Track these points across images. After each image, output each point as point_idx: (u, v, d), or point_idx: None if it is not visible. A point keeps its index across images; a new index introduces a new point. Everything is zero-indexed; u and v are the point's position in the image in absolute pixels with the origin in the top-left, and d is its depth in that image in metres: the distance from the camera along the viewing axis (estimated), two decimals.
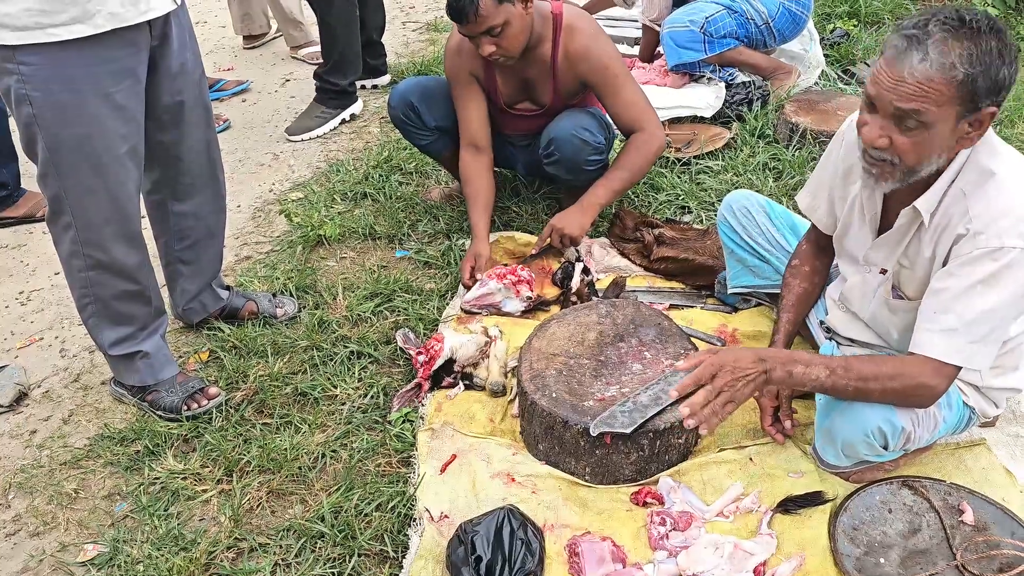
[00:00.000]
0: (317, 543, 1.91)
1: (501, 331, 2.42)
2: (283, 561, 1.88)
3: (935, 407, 1.80)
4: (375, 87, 4.48)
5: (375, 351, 2.47)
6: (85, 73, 1.91)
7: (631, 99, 2.69)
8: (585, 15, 2.74)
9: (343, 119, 4.08)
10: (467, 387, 2.29)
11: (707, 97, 3.77)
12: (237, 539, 1.94)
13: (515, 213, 3.12)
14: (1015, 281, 1.62)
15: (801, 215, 2.26)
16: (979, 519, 1.83)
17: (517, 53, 2.60)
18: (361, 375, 2.39)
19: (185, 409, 2.27)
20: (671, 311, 2.54)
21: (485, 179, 2.84)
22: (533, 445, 2.07)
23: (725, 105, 3.72)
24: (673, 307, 2.58)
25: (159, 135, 2.19)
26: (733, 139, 3.53)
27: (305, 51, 4.89)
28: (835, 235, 2.02)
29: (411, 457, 2.10)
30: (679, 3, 3.99)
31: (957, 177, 1.67)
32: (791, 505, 1.87)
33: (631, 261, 2.80)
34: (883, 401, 1.73)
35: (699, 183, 3.22)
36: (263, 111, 4.34)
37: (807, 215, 2.14)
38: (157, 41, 2.05)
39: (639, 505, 1.93)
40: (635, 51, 4.44)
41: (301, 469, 2.11)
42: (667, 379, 1.98)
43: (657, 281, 2.73)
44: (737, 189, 2.51)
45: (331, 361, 2.45)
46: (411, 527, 1.90)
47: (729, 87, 3.81)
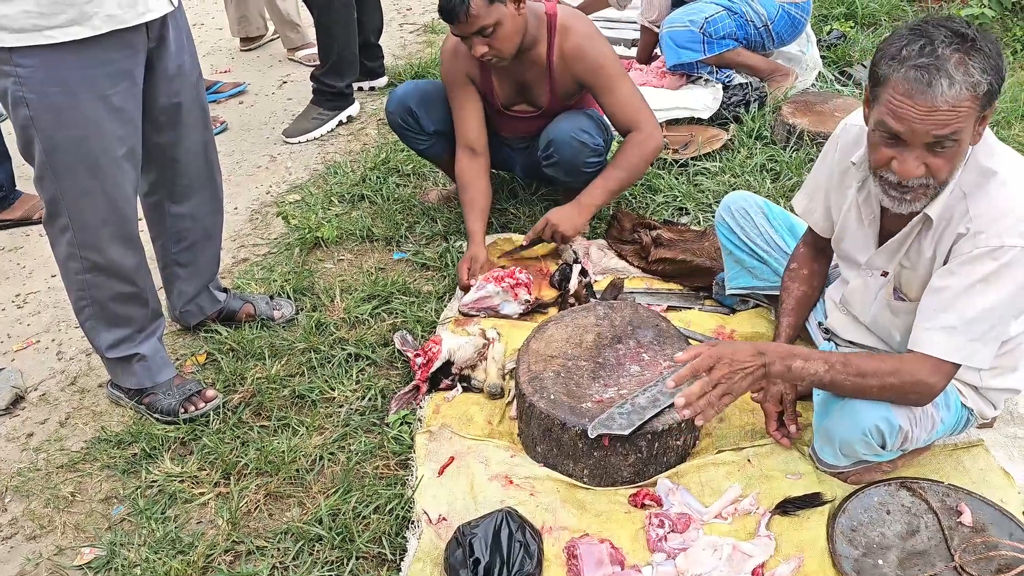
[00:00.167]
0: (315, 546, 1.91)
1: (499, 333, 2.42)
2: (281, 564, 1.88)
3: (933, 408, 1.80)
4: (372, 89, 4.47)
5: (373, 353, 2.47)
6: (82, 75, 1.90)
7: (627, 99, 2.69)
8: (580, 15, 2.74)
9: (340, 121, 4.07)
10: (465, 389, 2.29)
11: (704, 99, 3.78)
12: (235, 542, 1.94)
13: (512, 215, 3.12)
14: (1015, 279, 1.62)
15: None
16: (977, 520, 1.83)
17: (510, 54, 2.60)
18: (359, 377, 2.39)
19: (182, 412, 2.27)
20: (669, 312, 2.54)
21: (482, 183, 2.84)
22: (531, 447, 2.06)
23: (722, 107, 3.72)
24: (671, 309, 2.58)
25: (156, 137, 2.19)
26: (730, 140, 3.53)
27: (302, 53, 4.88)
28: (833, 238, 2.02)
29: (409, 459, 2.10)
30: (677, 4, 4.00)
31: (958, 177, 1.68)
32: (789, 507, 1.87)
33: (629, 263, 2.80)
34: (881, 398, 1.73)
35: (697, 184, 3.23)
36: (260, 113, 4.34)
37: (803, 218, 2.14)
38: (154, 43, 2.05)
39: (637, 507, 1.92)
40: (631, 53, 4.45)
41: (299, 472, 2.10)
42: (665, 381, 1.97)
43: (655, 283, 2.73)
44: (735, 190, 2.51)
45: (329, 363, 2.44)
46: (409, 530, 1.90)
47: (726, 89, 3.82)
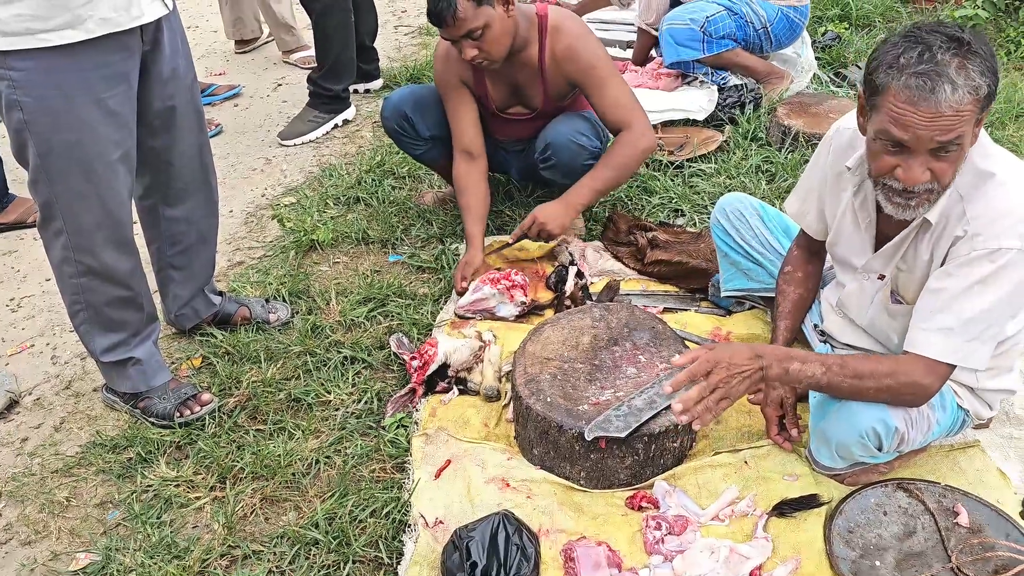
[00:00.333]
0: (311, 550, 1.90)
1: (495, 335, 2.42)
2: (277, 568, 1.87)
3: (929, 409, 1.80)
4: (367, 91, 4.47)
5: (369, 356, 2.47)
6: (77, 79, 1.90)
7: (619, 98, 2.67)
8: (571, 15, 2.73)
9: (336, 124, 4.07)
10: (461, 392, 2.29)
11: (700, 100, 3.78)
12: (231, 546, 1.93)
13: (508, 217, 3.12)
14: (1011, 280, 1.63)
15: None
16: (974, 521, 1.83)
17: (500, 56, 2.59)
18: (355, 380, 2.39)
19: (178, 416, 2.26)
20: (665, 314, 2.54)
21: (480, 187, 2.82)
22: (528, 450, 2.06)
23: (718, 108, 3.73)
24: (667, 310, 2.58)
25: (151, 140, 2.18)
26: (726, 142, 3.54)
27: (297, 55, 4.88)
28: (828, 242, 2.02)
29: (405, 463, 2.09)
30: (675, 4, 4.00)
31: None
32: (786, 508, 1.87)
33: (625, 264, 2.80)
34: (877, 399, 1.73)
35: (692, 186, 3.23)
36: (255, 116, 4.34)
37: (796, 221, 2.14)
38: (149, 46, 2.05)
39: (634, 509, 1.92)
40: (627, 54, 4.45)
41: (295, 475, 2.10)
42: (662, 383, 1.97)
43: (651, 284, 2.73)
44: (730, 192, 2.51)
45: (324, 367, 2.44)
46: (406, 533, 1.90)
47: (721, 90, 3.82)
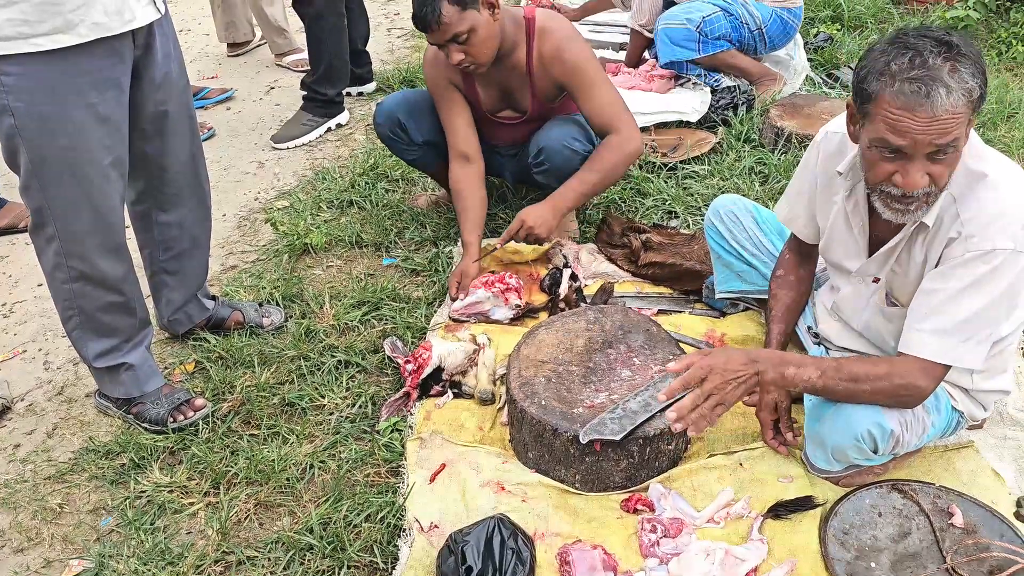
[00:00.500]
0: (306, 555, 1.89)
1: (489, 338, 2.42)
2: (272, 574, 1.86)
3: (924, 411, 1.81)
4: (360, 94, 4.47)
5: (363, 360, 2.46)
6: (68, 83, 1.89)
7: (606, 101, 2.65)
8: (558, 17, 2.71)
9: (329, 128, 4.07)
10: (456, 395, 2.28)
11: (693, 102, 3.79)
12: (225, 552, 1.92)
13: (502, 220, 3.11)
14: (1005, 280, 1.64)
15: None
16: (968, 522, 1.83)
17: (486, 60, 2.58)
18: (349, 384, 2.38)
19: (171, 421, 2.25)
20: (659, 316, 2.54)
21: (476, 192, 2.80)
22: (523, 453, 2.06)
23: (711, 110, 3.73)
24: (661, 312, 2.58)
25: (143, 145, 2.18)
26: (719, 144, 3.54)
27: (290, 58, 4.87)
28: (821, 247, 2.02)
29: (400, 467, 2.09)
30: (668, 5, 4.01)
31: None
32: (781, 510, 1.87)
33: (619, 267, 2.80)
34: (873, 401, 1.74)
35: (686, 188, 3.23)
36: (248, 119, 4.33)
37: (786, 225, 2.14)
38: (141, 51, 2.04)
39: (630, 512, 1.92)
40: (620, 56, 4.45)
41: (289, 480, 2.09)
42: (656, 385, 1.98)
43: (645, 286, 2.73)
44: (724, 194, 2.52)
45: (318, 371, 2.43)
46: (401, 538, 1.89)
47: (714, 92, 3.83)
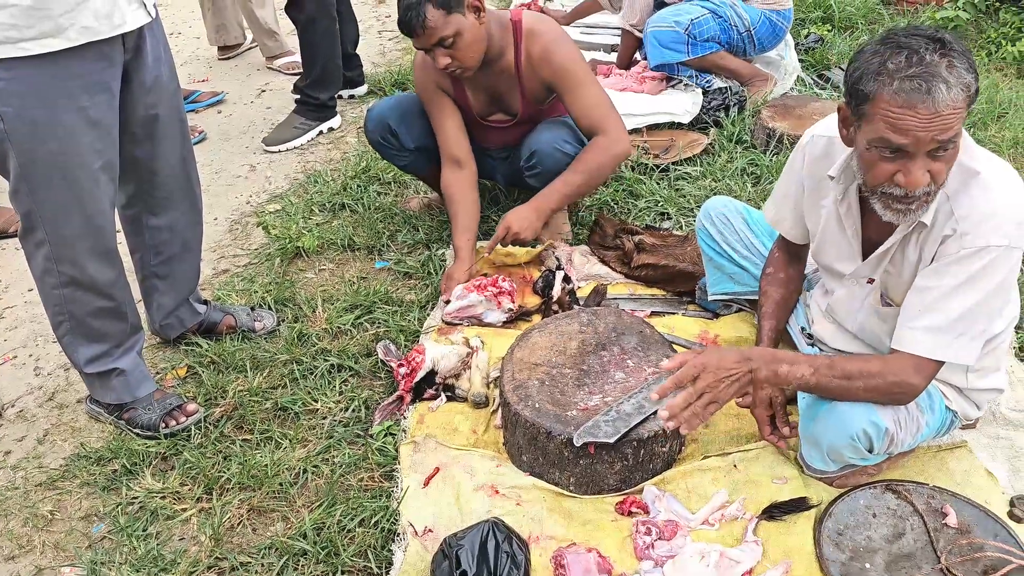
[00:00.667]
0: (300, 561, 1.88)
1: (483, 341, 2.41)
2: None
3: (918, 411, 1.81)
4: (352, 97, 4.46)
5: (356, 364, 2.45)
6: (58, 88, 1.88)
7: (593, 102, 2.65)
8: (545, 19, 2.70)
9: (321, 131, 4.06)
10: (449, 399, 2.28)
11: (684, 103, 3.79)
12: (218, 558, 1.91)
13: (495, 222, 3.10)
14: (998, 275, 1.65)
15: None
16: (962, 521, 1.84)
17: (473, 64, 2.57)
18: (342, 388, 2.37)
19: (163, 426, 2.24)
20: (652, 318, 2.54)
21: (468, 197, 2.79)
22: (517, 456, 2.05)
23: (702, 111, 3.74)
24: (654, 314, 2.58)
25: (134, 149, 2.16)
26: (711, 145, 3.54)
27: (281, 61, 4.86)
28: (812, 251, 2.03)
29: (394, 471, 2.08)
30: (659, 6, 4.01)
31: None
32: (776, 512, 1.87)
33: (612, 268, 2.80)
34: (866, 399, 1.74)
35: (678, 189, 3.23)
36: (239, 122, 4.31)
37: (774, 227, 2.15)
38: (131, 55, 2.03)
39: (624, 515, 1.92)
40: (611, 58, 4.46)
41: (282, 485, 2.08)
42: (650, 387, 1.97)
43: (638, 288, 2.73)
44: (716, 195, 2.52)
45: (311, 375, 2.42)
46: (395, 542, 1.89)
47: (706, 93, 3.83)
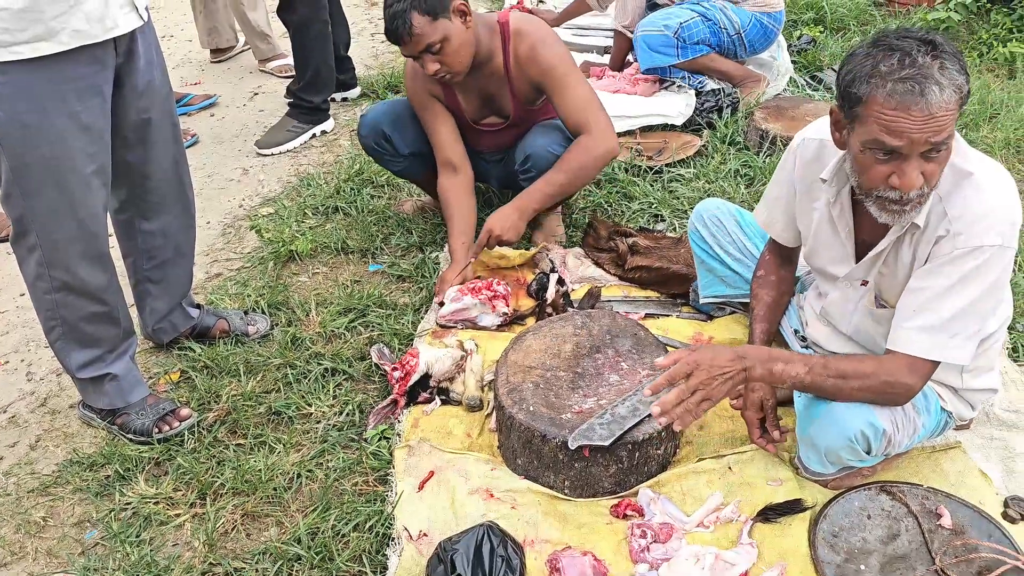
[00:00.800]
0: (294, 566, 1.88)
1: (477, 345, 2.41)
2: None
3: (915, 412, 1.82)
4: (345, 100, 4.45)
5: (350, 367, 2.45)
6: (50, 92, 1.87)
7: (580, 100, 2.63)
8: (533, 19, 2.69)
9: (314, 134, 4.05)
10: (444, 402, 2.27)
11: (678, 105, 3.80)
12: (212, 564, 1.91)
13: None
14: (992, 273, 1.65)
15: None
16: (957, 522, 1.84)
17: (462, 69, 2.56)
18: (336, 392, 2.36)
19: (156, 432, 2.23)
20: (646, 320, 2.54)
21: (464, 201, 2.79)
22: (511, 460, 2.05)
23: (695, 113, 3.75)
24: (648, 316, 2.58)
25: (126, 153, 2.16)
26: (704, 146, 3.55)
27: (273, 64, 4.85)
28: (805, 254, 2.03)
29: (388, 475, 2.07)
30: (652, 9, 4.02)
31: None
32: (771, 514, 1.87)
33: (605, 271, 2.80)
34: (860, 399, 1.74)
35: (671, 191, 3.24)
36: (232, 125, 4.30)
37: (765, 229, 2.15)
38: (123, 58, 2.02)
39: (619, 518, 1.92)
40: (604, 60, 4.46)
41: (276, 490, 2.07)
42: (645, 389, 1.97)
43: (632, 290, 2.73)
44: (709, 197, 2.52)
45: (305, 379, 2.42)
46: (390, 547, 1.88)
47: (699, 95, 3.84)
